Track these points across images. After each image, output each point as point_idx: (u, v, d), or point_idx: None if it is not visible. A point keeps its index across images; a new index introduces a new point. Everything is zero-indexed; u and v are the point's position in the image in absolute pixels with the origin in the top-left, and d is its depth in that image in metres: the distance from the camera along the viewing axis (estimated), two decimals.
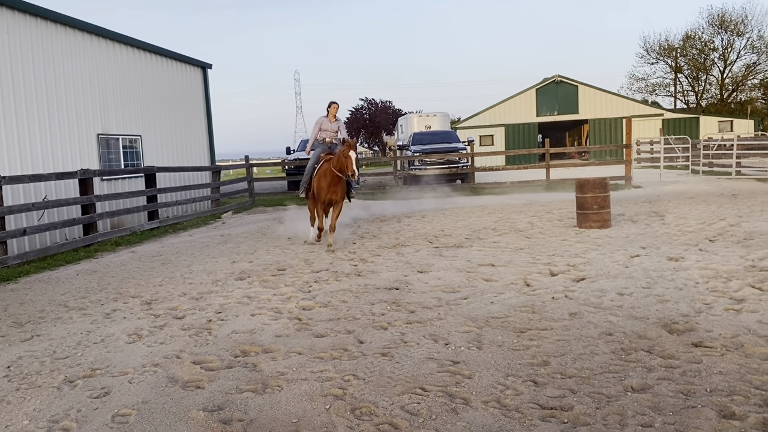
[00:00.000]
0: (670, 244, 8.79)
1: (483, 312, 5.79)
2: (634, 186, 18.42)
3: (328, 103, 11.08)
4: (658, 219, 11.49)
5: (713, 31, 55.19)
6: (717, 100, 56.32)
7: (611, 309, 5.64)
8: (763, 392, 3.69)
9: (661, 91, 58.96)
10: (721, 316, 5.25)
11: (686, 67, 57.34)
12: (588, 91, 43.66)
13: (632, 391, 3.81)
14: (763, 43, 53.64)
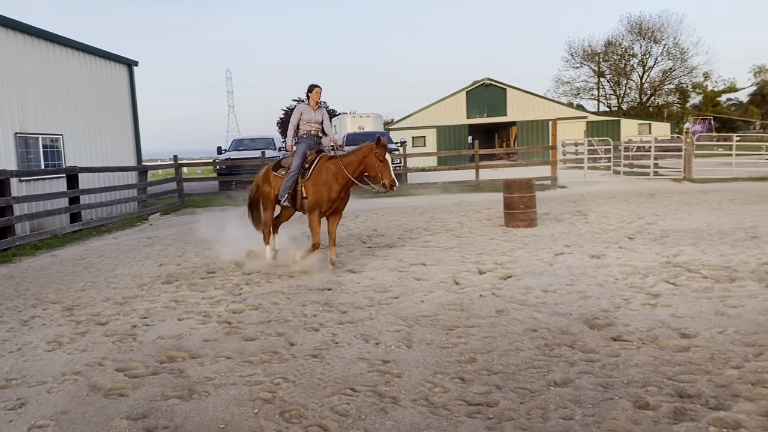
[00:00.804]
0: (592, 242, 9.14)
1: (413, 311, 5.86)
2: (559, 186, 19.04)
3: (308, 87, 8.57)
4: (581, 218, 11.92)
5: (633, 37, 57.76)
6: (637, 103, 58.94)
7: (536, 306, 5.82)
8: (675, 383, 3.89)
9: (585, 94, 61.22)
10: (638, 311, 5.51)
11: (608, 71, 59.72)
12: (516, 93, 44.79)
13: (555, 385, 3.95)
14: (678, 50, 56.54)
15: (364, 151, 7.77)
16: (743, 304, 5.50)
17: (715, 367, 4.10)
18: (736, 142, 22.38)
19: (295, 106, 8.63)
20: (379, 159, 7.59)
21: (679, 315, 5.31)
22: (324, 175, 7.92)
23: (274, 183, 8.45)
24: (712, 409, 3.49)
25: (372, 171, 7.71)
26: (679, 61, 56.90)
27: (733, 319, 5.14)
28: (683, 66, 57.08)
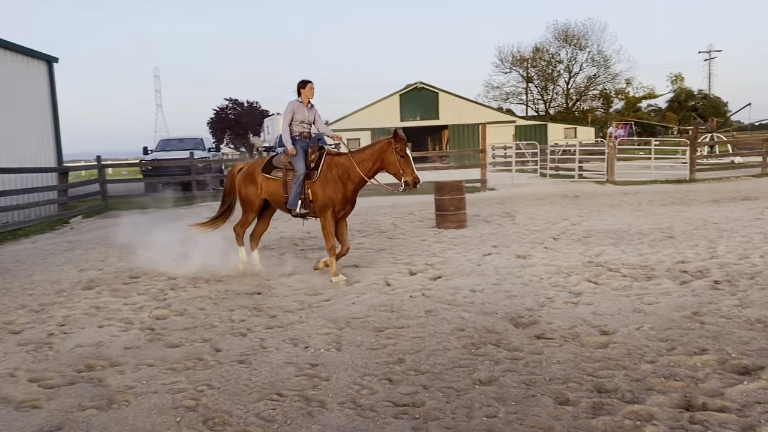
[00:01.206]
0: (519, 242, 9.37)
1: (344, 313, 5.84)
2: (489, 188, 19.43)
3: (299, 83, 7.65)
4: (509, 219, 12.21)
5: (559, 44, 59.73)
6: (563, 108, 60.97)
7: (464, 305, 5.91)
8: (594, 378, 4.03)
9: (515, 99, 62.87)
10: (561, 309, 5.68)
11: (536, 77, 61.53)
12: (448, 98, 45.55)
13: (480, 383, 4.01)
14: (601, 57, 58.86)
15: (380, 147, 7.25)
16: (659, 301, 5.76)
17: (631, 362, 4.27)
18: (655, 146, 23.48)
19: (287, 104, 7.71)
20: (400, 154, 7.11)
21: (600, 313, 5.51)
22: (335, 172, 7.30)
23: (265, 186, 7.65)
24: (628, 402, 3.63)
25: (392, 168, 7.19)
26: (602, 68, 59.28)
27: (649, 315, 5.37)
28: (606, 72, 59.50)
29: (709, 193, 15.84)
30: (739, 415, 3.42)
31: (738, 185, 17.83)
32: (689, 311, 5.38)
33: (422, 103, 45.42)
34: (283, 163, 7.57)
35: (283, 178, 7.51)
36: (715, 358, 4.27)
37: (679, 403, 3.60)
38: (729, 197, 14.44)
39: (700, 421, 3.35)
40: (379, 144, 7.31)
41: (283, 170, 7.55)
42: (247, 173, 7.91)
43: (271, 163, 7.73)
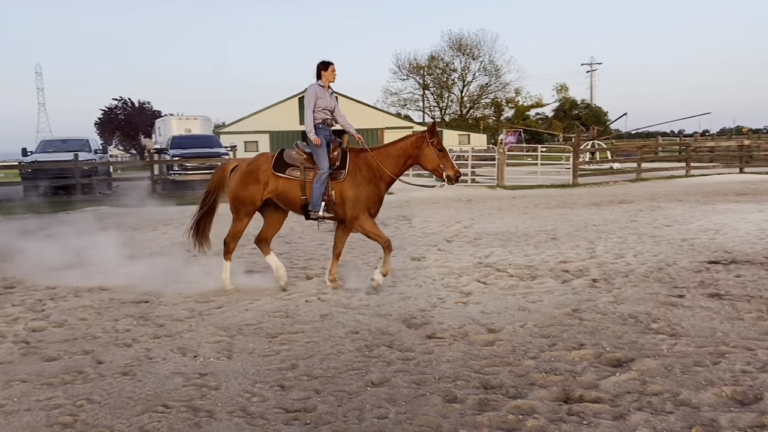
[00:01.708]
0: (414, 245, 9.56)
1: (237, 320, 5.71)
2: (387, 192, 19.67)
3: (320, 64, 6.85)
4: (405, 222, 12.42)
5: (453, 53, 61.60)
6: (458, 115, 62.89)
7: (359, 308, 5.95)
8: (481, 375, 4.17)
9: (412, 105, 64.19)
10: (452, 309, 5.84)
11: (432, 84, 63.10)
12: (347, 102, 45.72)
13: (372, 385, 4.05)
14: (493, 67, 61.29)
15: (413, 142, 6.79)
16: (542, 300, 6.06)
17: (515, 359, 4.47)
18: (542, 152, 24.72)
19: (309, 86, 6.91)
20: (438, 148, 6.70)
21: (488, 311, 5.71)
22: (365, 171, 6.75)
23: (273, 186, 6.77)
24: (512, 398, 3.79)
25: (430, 163, 6.72)
26: (494, 77, 61.78)
27: (533, 313, 5.63)
28: (498, 82, 62.08)
29: (590, 196, 16.86)
30: (612, 405, 3.66)
31: (616, 189, 19.09)
32: (569, 308, 5.70)
33: None
34: (299, 161, 6.76)
35: (301, 177, 6.69)
36: (592, 352, 4.55)
37: (558, 396, 3.80)
38: (607, 201, 15.44)
39: (577, 413, 3.56)
40: (411, 139, 6.88)
41: (300, 168, 6.72)
42: (247, 172, 6.87)
43: (284, 160, 6.80)
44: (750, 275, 6.80)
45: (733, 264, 7.43)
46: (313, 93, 6.83)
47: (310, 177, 6.69)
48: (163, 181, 20.79)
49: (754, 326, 5.05)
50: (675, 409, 3.57)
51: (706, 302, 5.78)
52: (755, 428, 3.32)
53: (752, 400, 3.67)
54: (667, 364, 4.26)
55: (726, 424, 3.37)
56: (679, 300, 5.88)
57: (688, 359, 4.34)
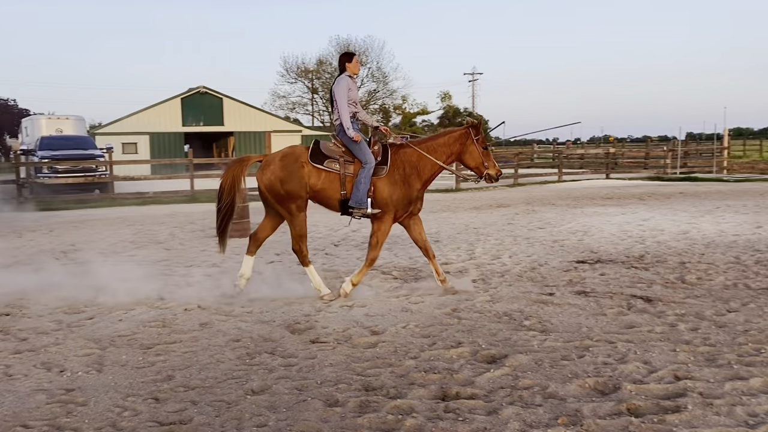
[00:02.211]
0: None
1: (109, 331, 5.41)
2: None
3: (344, 56, 6.60)
4: None
5: None
6: None
7: (241, 315, 5.82)
8: (363, 377, 4.21)
9: (301, 109, 63.65)
10: (336, 313, 5.86)
11: (321, 88, 62.98)
12: (233, 104, 44.72)
13: (252, 393, 3.97)
14: (380, 73, 62.12)
15: (456, 137, 6.51)
16: (424, 300, 6.21)
17: (397, 360, 4.54)
18: None
19: (338, 79, 6.45)
20: (483, 146, 6.49)
21: (372, 314, 5.78)
22: (404, 169, 6.42)
23: (314, 179, 6.38)
24: (392, 398, 3.84)
25: (473, 160, 6.50)
26: (381, 84, 62.56)
27: (415, 314, 5.76)
28: (385, 88, 62.91)
29: (472, 201, 17.53)
30: (486, 400, 3.81)
31: (495, 194, 19.96)
32: (449, 308, 5.88)
33: (206, 108, 43.99)
34: (338, 153, 6.41)
35: (341, 170, 6.35)
36: (469, 350, 4.72)
37: (436, 395, 3.91)
38: (487, 205, 16.12)
39: (453, 410, 3.67)
40: (453, 133, 6.58)
41: (340, 161, 6.37)
42: (284, 166, 6.37)
43: (321, 151, 6.42)
44: (613, 273, 7.33)
45: (598, 263, 7.99)
46: (345, 85, 6.39)
47: (350, 171, 6.36)
48: (30, 185, 19.32)
49: (615, 321, 5.45)
50: (543, 401, 3.77)
51: (573, 299, 6.17)
52: (613, 416, 3.58)
53: (611, 389, 3.95)
54: (537, 359, 4.50)
55: (588, 413, 3.60)
56: (550, 298, 6.23)
57: (557, 354, 4.61)
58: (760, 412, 3.56)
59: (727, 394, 3.81)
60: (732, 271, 7.31)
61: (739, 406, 3.63)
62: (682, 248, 8.91)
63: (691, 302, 5.97)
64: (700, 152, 33.61)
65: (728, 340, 4.83)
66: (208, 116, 44.02)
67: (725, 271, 7.35)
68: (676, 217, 12.40)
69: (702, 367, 4.27)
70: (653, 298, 6.14)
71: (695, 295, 6.23)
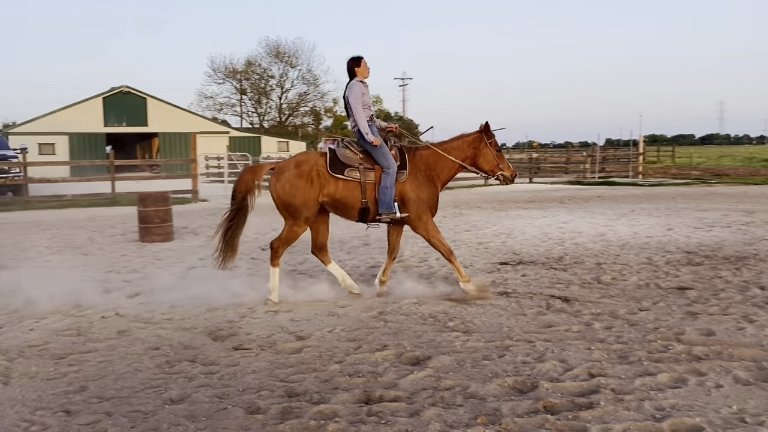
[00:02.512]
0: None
1: (18, 342, 5.14)
2: (201, 199, 18.98)
3: (352, 60, 6.48)
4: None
5: (271, 60, 61.16)
6: (277, 122, 62.53)
7: (161, 322, 5.65)
8: (286, 384, 4.17)
9: (229, 110, 62.51)
10: (261, 319, 5.78)
11: (250, 90, 62.08)
12: (158, 104, 43.42)
13: (171, 403, 3.86)
14: (311, 76, 61.85)
15: (470, 140, 6.65)
16: (351, 304, 6.21)
17: (321, 364, 4.53)
18: None
19: (350, 85, 6.42)
20: (496, 149, 6.65)
21: (297, 319, 5.73)
22: (424, 171, 6.52)
23: (332, 189, 6.30)
24: (315, 403, 3.83)
25: (487, 163, 6.65)
26: (312, 86, 62.29)
27: (341, 318, 5.76)
28: (316, 91, 62.68)
29: None
30: (408, 402, 3.85)
31: None
32: (376, 311, 5.91)
33: (129, 108, 42.50)
34: (356, 161, 6.36)
35: (362, 178, 6.31)
36: (394, 353, 4.75)
37: (359, 398, 3.91)
38: None
39: (376, 413, 3.69)
40: (468, 138, 6.67)
41: (359, 169, 6.33)
42: (298, 175, 6.31)
43: (339, 160, 6.35)
44: (533, 274, 7.56)
45: (520, 264, 8.22)
46: (359, 91, 6.36)
47: (371, 178, 6.34)
48: None
49: (535, 321, 5.62)
50: (464, 401, 3.85)
51: (496, 300, 6.32)
52: (531, 414, 3.68)
53: (530, 388, 4.07)
54: (459, 359, 4.59)
55: (507, 412, 3.70)
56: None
57: (478, 354, 4.71)
58: (666, 405, 3.75)
59: (637, 390, 3.99)
60: (644, 272, 7.68)
61: (648, 400, 3.82)
62: (598, 250, 9.30)
63: (606, 302, 6.23)
64: (618, 158, 35.20)
65: (639, 338, 5.07)
66: (131, 117, 42.55)
67: (638, 271, 7.71)
68: (593, 219, 12.92)
69: (615, 365, 4.46)
70: (571, 298, 6.37)
71: (610, 295, 6.50)
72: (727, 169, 35.58)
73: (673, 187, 23.03)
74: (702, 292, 6.55)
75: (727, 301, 6.19)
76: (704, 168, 36.63)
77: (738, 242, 9.76)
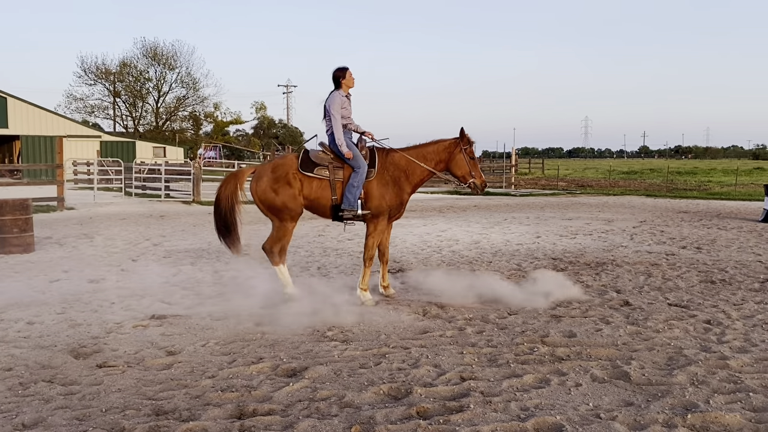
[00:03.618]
0: (94, 265, 8.76)
1: None
2: (67, 208, 17.76)
3: (337, 70, 6.65)
4: (87, 241, 11.34)
5: (148, 61, 58.55)
6: (153, 126, 59.87)
7: (16, 341, 5.22)
8: (154, 401, 3.97)
9: (101, 113, 59.12)
10: (129, 334, 5.48)
11: (124, 92, 59.05)
12: (20, 105, 40.18)
13: (23, 428, 3.57)
14: (190, 79, 59.86)
15: (445, 146, 6.77)
16: (226, 317, 6.02)
17: (193, 380, 4.36)
18: (240, 168, 24.82)
19: (332, 96, 6.59)
20: (470, 156, 6.74)
21: (169, 333, 5.49)
22: (392, 172, 6.67)
23: (306, 188, 6.51)
24: (184, 421, 3.67)
25: (460, 169, 6.75)
26: (192, 90, 60.30)
27: (216, 331, 5.58)
28: (196, 95, 60.74)
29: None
30: (283, 415, 3.79)
31: None
32: (252, 323, 5.79)
33: None
34: (327, 160, 6.57)
35: (330, 176, 6.52)
36: (270, 365, 4.67)
37: (232, 414, 3.81)
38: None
39: (249, 428, 3.60)
40: (442, 143, 6.81)
41: (329, 167, 6.54)
42: (276, 178, 6.50)
43: (310, 160, 6.58)
44: (412, 281, 7.73)
45: (399, 272, 8.38)
46: (339, 102, 6.58)
47: (339, 176, 6.56)
48: None
49: (411, 327, 5.74)
50: (340, 411, 3.85)
51: (374, 308, 6.39)
52: (404, 420, 3.75)
53: (404, 394, 4.15)
54: (336, 369, 4.59)
55: (381, 419, 3.74)
56: (353, 308, 6.39)
57: (355, 362, 4.74)
58: (530, 406, 3.95)
59: (504, 392, 4.19)
60: (514, 277, 8.08)
61: (514, 401, 4.01)
62: (473, 256, 9.68)
63: (478, 307, 6.49)
64: (493, 169, 36.96)
65: (508, 341, 5.32)
66: None
67: (509, 277, 8.11)
68: (469, 228, 13.45)
69: (485, 367, 4.65)
70: (446, 304, 6.57)
71: (482, 300, 6.77)
72: (591, 180, 38.43)
73: (542, 197, 24.49)
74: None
75: (587, 304, 6.65)
76: (570, 179, 39.34)
77: (598, 249, 10.54)
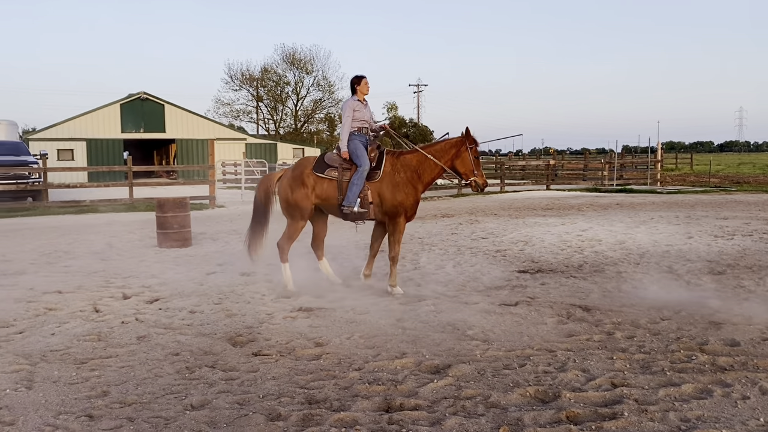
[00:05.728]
0: (244, 260, 9.31)
1: (41, 346, 5.18)
2: (218, 206, 19.09)
3: (353, 79, 7.29)
4: (236, 237, 12.10)
5: (286, 66, 61.47)
6: (292, 129, 62.78)
7: (181, 328, 5.67)
8: (306, 390, 4.16)
9: (245, 117, 62.90)
10: (279, 324, 5.78)
11: (266, 96, 62.42)
12: (175, 111, 43.76)
13: (191, 408, 3.87)
14: (326, 83, 62.05)
15: (453, 143, 7.06)
16: (369, 311, 6.18)
17: (341, 371, 4.51)
18: None
19: (346, 101, 7.25)
20: (474, 155, 7.03)
21: (316, 325, 5.73)
22: (402, 173, 7.01)
23: (318, 187, 7.09)
24: (335, 411, 3.81)
25: (464, 167, 7.02)
26: (327, 93, 62.45)
27: (360, 324, 5.74)
28: (331, 98, 62.81)
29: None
30: (429, 411, 3.82)
31: (439, 204, 20.19)
32: (394, 319, 5.89)
33: (147, 114, 42.88)
34: (338, 161, 7.11)
35: (339, 177, 7.03)
36: (413, 361, 4.73)
37: (380, 406, 3.90)
38: (431, 215, 16.25)
39: (397, 421, 3.67)
40: (450, 141, 7.12)
41: (339, 169, 7.07)
42: (293, 177, 7.21)
43: (324, 162, 7.18)
44: (553, 283, 7.50)
45: (539, 273, 8.16)
46: (350, 107, 7.11)
47: (347, 177, 6.99)
48: None
49: (555, 330, 5.57)
50: (486, 411, 3.82)
51: (515, 309, 6.27)
52: (554, 424, 3.64)
53: (551, 398, 4.03)
54: (480, 368, 4.55)
55: (529, 422, 3.66)
56: (492, 307, 6.32)
57: (499, 363, 4.67)
58: (691, 417, 3.69)
59: (661, 401, 3.94)
60: (665, 280, 7.59)
61: (672, 411, 3.76)
62: (618, 257, 9.21)
63: (627, 311, 6.16)
64: (635, 165, 34.92)
65: (662, 348, 5.01)
66: (149, 123, 42.94)
67: (659, 280, 7.62)
68: (612, 227, 12.81)
69: (637, 374, 4.41)
70: (591, 307, 6.31)
71: (631, 304, 6.43)
72: (747, 176, 35.20)
73: (692, 195, 22.79)
74: (725, 302, 6.46)
75: (750, 311, 6.10)
76: (723, 175, 36.27)
77: (760, 251, 9.63)
